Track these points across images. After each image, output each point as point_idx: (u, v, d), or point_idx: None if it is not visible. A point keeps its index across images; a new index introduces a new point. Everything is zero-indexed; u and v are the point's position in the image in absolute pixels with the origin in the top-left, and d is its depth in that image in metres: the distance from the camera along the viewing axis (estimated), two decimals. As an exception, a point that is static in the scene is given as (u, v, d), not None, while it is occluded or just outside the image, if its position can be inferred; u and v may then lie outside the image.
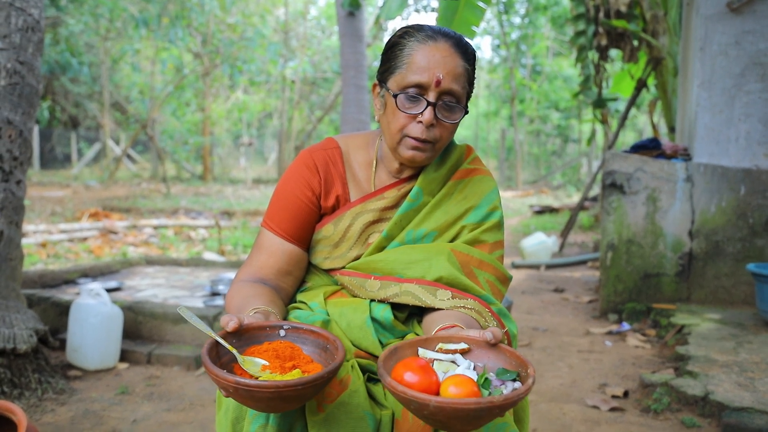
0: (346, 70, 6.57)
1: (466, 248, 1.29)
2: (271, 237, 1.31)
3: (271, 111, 20.11)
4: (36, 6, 2.59)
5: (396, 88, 1.22)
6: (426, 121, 1.19)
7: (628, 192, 3.72)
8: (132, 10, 12.01)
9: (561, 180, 18.63)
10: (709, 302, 3.62)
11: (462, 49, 1.22)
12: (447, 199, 1.33)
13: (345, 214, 1.31)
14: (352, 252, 1.32)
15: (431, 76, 1.18)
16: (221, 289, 3.62)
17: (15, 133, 2.52)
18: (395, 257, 1.28)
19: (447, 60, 1.19)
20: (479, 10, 5.02)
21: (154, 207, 10.41)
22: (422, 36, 1.21)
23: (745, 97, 3.58)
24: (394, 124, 1.23)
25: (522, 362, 0.97)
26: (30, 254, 5.75)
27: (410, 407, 0.88)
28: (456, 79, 1.20)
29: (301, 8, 17.56)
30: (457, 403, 0.83)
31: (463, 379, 0.91)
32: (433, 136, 1.22)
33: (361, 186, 1.34)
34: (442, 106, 1.20)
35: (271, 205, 1.33)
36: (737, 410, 2.20)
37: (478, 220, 1.32)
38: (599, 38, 5.87)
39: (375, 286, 1.27)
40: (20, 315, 2.47)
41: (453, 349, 1.00)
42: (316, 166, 1.32)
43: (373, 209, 1.31)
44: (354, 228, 1.31)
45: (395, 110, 1.22)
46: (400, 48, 1.23)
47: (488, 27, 19.27)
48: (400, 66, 1.21)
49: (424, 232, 1.31)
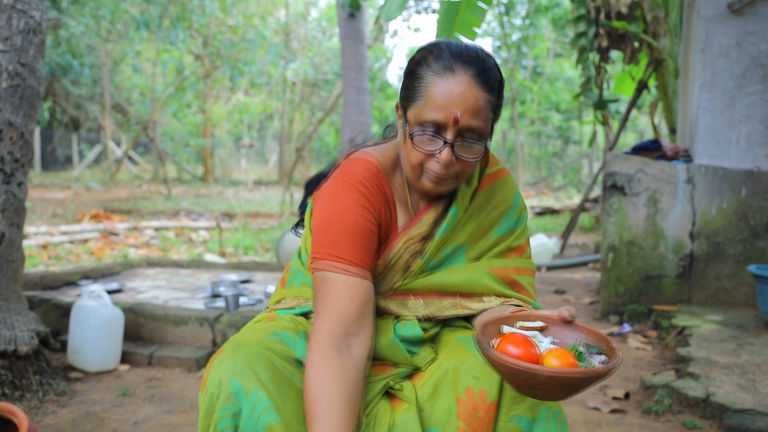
0: (346, 72, 6.57)
1: (502, 262, 1.27)
2: (345, 279, 1.14)
3: (272, 113, 20.11)
4: (37, 8, 2.60)
5: (413, 121, 1.15)
6: (443, 161, 1.13)
7: (629, 193, 3.72)
8: (133, 11, 12.02)
9: (562, 181, 18.62)
10: (710, 304, 3.62)
11: (484, 79, 1.12)
12: (479, 212, 1.28)
13: (395, 248, 1.24)
14: (394, 278, 1.27)
15: (448, 115, 1.10)
16: (222, 291, 3.62)
17: (16, 135, 2.52)
18: (436, 283, 1.25)
19: (466, 95, 1.10)
20: (480, 11, 5.02)
21: (155, 209, 10.41)
22: (440, 67, 1.12)
23: (746, 98, 3.58)
24: (412, 157, 1.17)
25: (601, 338, 1.02)
26: (31, 256, 5.75)
27: (518, 377, 0.91)
28: (476, 114, 1.12)
29: (302, 10, 17.57)
30: (568, 372, 0.89)
31: (562, 352, 0.96)
32: (454, 171, 1.16)
33: (402, 210, 1.27)
34: (460, 145, 1.13)
35: (330, 238, 1.16)
36: (738, 412, 2.19)
37: (510, 228, 1.30)
38: (600, 40, 5.87)
39: (418, 305, 1.26)
40: (21, 317, 2.47)
41: (532, 327, 1.04)
42: (373, 193, 1.20)
43: (416, 236, 1.25)
44: (401, 259, 1.25)
45: (412, 145, 1.15)
46: (418, 78, 1.14)
47: (489, 28, 19.28)
48: (417, 99, 1.14)
49: (458, 245, 1.27)
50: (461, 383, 1.13)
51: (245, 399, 1.06)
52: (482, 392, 1.11)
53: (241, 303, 3.38)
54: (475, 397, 1.11)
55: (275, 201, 12.04)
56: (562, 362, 0.93)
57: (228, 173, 20.45)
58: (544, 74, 19.86)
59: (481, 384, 1.11)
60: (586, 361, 0.97)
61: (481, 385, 1.11)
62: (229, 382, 1.07)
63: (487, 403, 1.10)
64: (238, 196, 13.72)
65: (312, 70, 16.39)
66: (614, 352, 0.97)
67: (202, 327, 3.04)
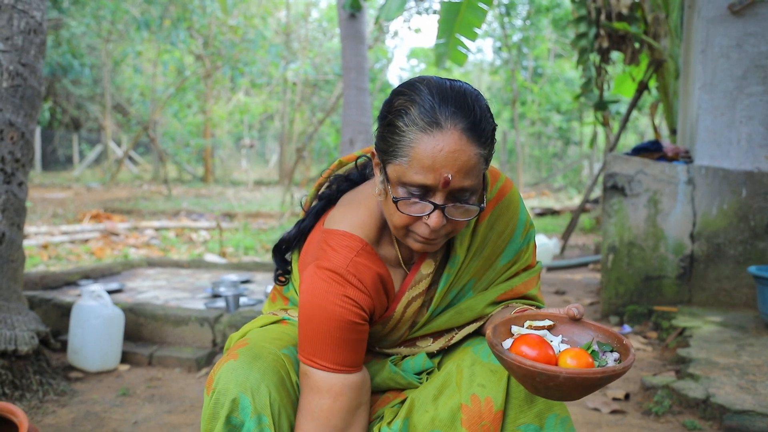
0: (347, 72, 6.57)
1: (509, 284, 1.22)
2: (327, 376, 1.07)
3: (273, 113, 20.13)
4: (38, 8, 2.60)
5: (395, 180, 1.00)
6: (434, 225, 1.00)
7: (629, 194, 3.72)
8: (134, 12, 12.03)
9: (562, 182, 18.62)
10: (710, 305, 3.62)
11: (476, 132, 0.98)
12: (482, 246, 1.19)
13: (396, 311, 1.17)
14: (399, 334, 1.21)
15: (437, 177, 0.97)
16: (222, 291, 3.62)
17: (17, 135, 2.52)
18: (444, 324, 1.21)
19: (457, 155, 0.96)
20: (481, 12, 5.02)
21: (155, 209, 10.41)
22: (424, 121, 0.97)
23: (746, 99, 3.58)
24: (395, 219, 1.04)
25: (611, 334, 1.00)
26: (31, 256, 5.75)
27: (535, 379, 0.90)
28: (468, 173, 0.98)
29: (303, 10, 17.58)
30: (587, 372, 0.88)
31: (578, 352, 0.94)
32: (445, 232, 1.05)
33: (397, 272, 1.17)
34: (452, 207, 1.01)
35: (308, 341, 1.08)
36: (738, 413, 2.19)
37: (516, 251, 1.23)
38: (601, 40, 5.87)
39: (428, 343, 1.23)
40: (22, 316, 2.47)
41: (541, 326, 1.03)
42: (357, 280, 1.08)
43: (417, 294, 1.17)
44: (406, 316, 1.18)
45: (396, 209, 1.02)
46: (399, 133, 0.99)
47: (490, 29, 19.28)
48: (399, 156, 0.99)
49: (463, 285, 1.20)
50: (466, 390, 1.10)
51: (250, 419, 1.05)
52: (488, 400, 1.08)
53: (241, 303, 3.38)
54: (480, 405, 1.08)
55: (276, 201, 12.04)
56: (578, 362, 0.92)
57: (228, 173, 20.46)
58: (544, 75, 19.86)
59: (487, 392, 1.09)
60: (601, 359, 0.96)
61: (488, 392, 1.09)
62: (238, 395, 1.05)
63: (493, 411, 1.08)
64: (238, 196, 13.72)
65: (312, 70, 16.39)
66: (627, 349, 0.96)
67: (203, 327, 3.04)
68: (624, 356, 0.96)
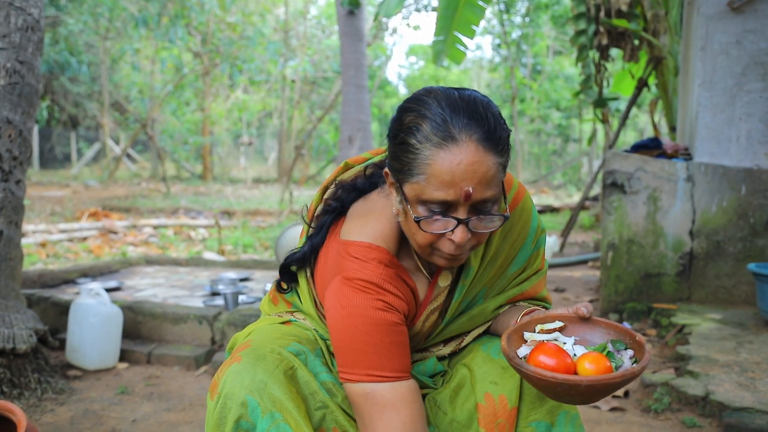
0: (346, 70, 6.57)
1: (519, 289, 1.22)
2: (390, 386, 1.02)
3: (271, 110, 20.10)
4: (36, 5, 2.59)
5: (414, 199, 0.98)
6: (459, 241, 0.98)
7: (628, 191, 3.71)
8: (131, 9, 12.00)
9: (561, 179, 18.62)
10: (709, 302, 3.62)
11: (492, 142, 0.96)
12: (495, 257, 1.18)
13: (418, 323, 1.16)
14: (415, 342, 1.21)
15: (458, 192, 0.94)
16: (221, 289, 3.62)
17: (15, 133, 2.51)
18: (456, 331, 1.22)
19: (476, 167, 0.94)
20: (479, 9, 5.01)
21: (153, 206, 10.40)
22: (438, 137, 0.94)
23: (746, 96, 3.57)
24: (419, 238, 1.01)
25: (622, 331, 1.01)
26: (29, 254, 5.74)
27: (556, 389, 0.90)
28: (489, 184, 0.96)
29: (301, 7, 17.55)
30: (606, 378, 0.89)
31: (595, 356, 0.95)
32: (471, 245, 1.02)
33: (420, 281, 1.16)
34: (475, 220, 0.99)
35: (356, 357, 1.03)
36: (738, 410, 2.19)
37: (525, 258, 1.22)
38: (600, 37, 5.86)
39: (439, 348, 1.23)
40: (20, 315, 2.46)
41: (552, 328, 1.03)
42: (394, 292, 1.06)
43: (436, 307, 1.16)
44: (423, 331, 1.18)
45: (417, 227, 0.99)
46: (413, 151, 0.96)
47: (489, 26, 19.26)
48: (415, 174, 0.96)
49: (475, 293, 1.20)
50: (480, 388, 1.11)
51: (261, 419, 1.03)
52: (502, 398, 1.09)
53: (240, 301, 3.38)
54: (495, 402, 1.09)
55: (274, 199, 12.03)
56: (596, 366, 0.92)
57: (227, 171, 20.44)
58: (543, 72, 19.85)
59: (500, 389, 1.09)
60: (617, 359, 0.97)
61: (501, 390, 1.09)
62: (245, 398, 1.03)
63: (508, 408, 1.08)
64: (237, 194, 13.71)
65: (311, 67, 16.38)
66: (641, 345, 0.96)
67: (201, 325, 3.04)
68: (637, 352, 0.97)
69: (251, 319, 2.97)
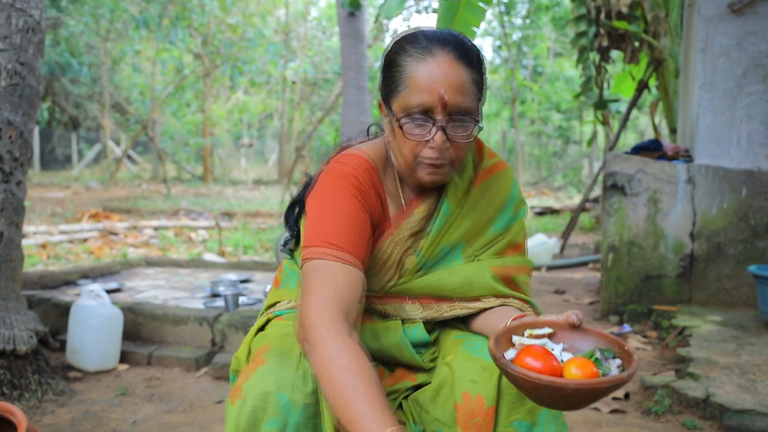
0: (346, 71, 6.57)
1: (502, 261, 1.25)
2: (341, 267, 1.08)
3: (272, 112, 20.11)
4: (37, 7, 2.59)
5: (400, 111, 1.12)
6: (437, 145, 1.11)
7: (629, 193, 3.71)
8: (132, 10, 12.01)
9: (562, 181, 18.62)
10: (710, 304, 3.61)
11: (465, 56, 1.11)
12: (474, 208, 1.25)
13: (386, 243, 1.22)
14: (388, 276, 1.24)
15: (434, 96, 1.08)
16: (221, 290, 3.62)
17: (15, 134, 2.52)
18: (433, 283, 1.23)
19: (449, 74, 1.09)
20: (480, 11, 5.01)
21: (154, 208, 10.41)
22: (418, 51, 1.10)
23: (746, 98, 3.57)
24: (405, 149, 1.14)
25: (611, 340, 1.00)
26: (30, 255, 5.74)
27: (541, 391, 0.89)
28: (463, 92, 1.10)
29: (302, 9, 17.57)
30: (593, 383, 0.87)
31: (582, 362, 0.94)
32: (449, 156, 1.14)
33: (393, 204, 1.25)
34: (452, 126, 1.11)
35: (323, 228, 1.11)
36: (738, 412, 2.19)
37: (506, 224, 1.27)
38: (600, 39, 5.86)
39: (416, 309, 1.24)
40: (20, 316, 2.46)
41: (541, 334, 1.03)
42: (365, 189, 1.17)
43: (408, 233, 1.23)
44: (393, 256, 1.23)
45: (403, 137, 1.13)
46: (397, 68, 1.12)
47: (489, 28, 19.28)
48: (400, 88, 1.12)
49: (453, 243, 1.25)
50: (459, 387, 1.11)
51: (293, 413, 1.03)
52: (479, 397, 1.08)
53: (240, 302, 3.38)
54: (472, 402, 1.09)
55: (275, 200, 12.04)
56: (583, 372, 0.92)
57: (227, 172, 20.44)
58: (544, 74, 19.86)
59: (478, 388, 1.09)
60: (604, 366, 0.96)
61: (479, 389, 1.09)
62: (275, 395, 1.03)
63: (485, 408, 1.08)
64: (237, 195, 13.71)
65: (312, 69, 16.39)
66: (629, 354, 0.95)
67: (202, 326, 3.04)
68: (626, 362, 0.96)
69: (251, 321, 2.97)
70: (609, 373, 0.94)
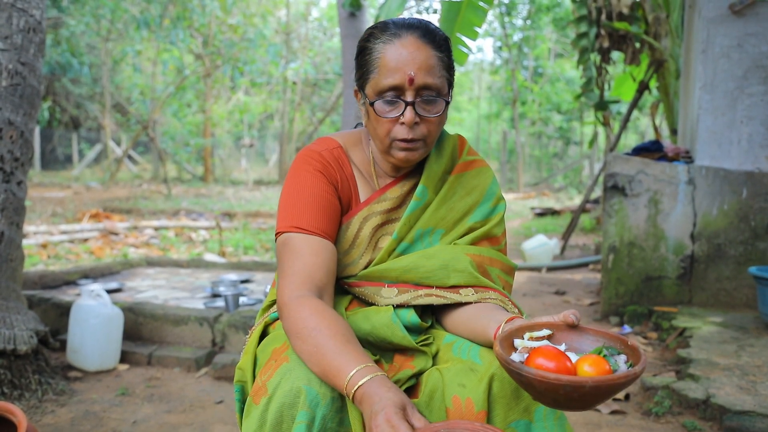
0: (347, 72, 6.57)
1: (478, 249, 1.27)
2: (305, 238, 1.18)
3: (273, 112, 20.12)
4: (38, 7, 2.59)
5: (372, 94, 1.18)
6: (408, 121, 1.16)
7: (629, 194, 3.71)
8: (133, 11, 12.02)
9: (562, 182, 18.62)
10: (710, 305, 3.61)
11: (430, 37, 1.18)
12: (451, 195, 1.30)
13: (354, 219, 1.27)
14: (364, 258, 1.27)
15: (403, 76, 1.15)
16: (222, 291, 3.62)
17: (16, 134, 2.52)
18: (410, 266, 1.24)
19: (416, 54, 1.15)
20: (481, 12, 5.02)
21: (155, 208, 10.41)
22: (387, 35, 1.18)
23: (747, 99, 3.57)
24: (379, 129, 1.20)
25: (612, 337, 0.99)
26: (31, 255, 5.75)
27: (558, 393, 0.87)
28: (430, 71, 1.16)
29: (303, 9, 17.58)
30: (612, 379, 0.86)
31: (594, 359, 0.93)
32: (421, 133, 1.19)
33: (366, 186, 1.30)
34: (421, 103, 1.17)
35: (289, 210, 1.21)
36: (739, 414, 2.19)
37: (485, 216, 1.31)
38: (601, 40, 5.86)
39: (392, 293, 1.24)
40: (21, 316, 2.46)
41: (541, 336, 1.02)
42: (330, 165, 1.26)
43: (379, 211, 1.28)
44: (363, 233, 1.27)
45: (376, 117, 1.19)
46: (369, 52, 1.19)
47: (490, 29, 19.28)
48: (372, 71, 1.18)
49: (432, 230, 1.28)
50: (448, 391, 1.10)
51: (321, 406, 1.02)
52: (469, 401, 1.07)
53: (240, 303, 3.38)
54: (461, 406, 1.07)
55: (275, 201, 12.04)
56: (597, 369, 0.90)
57: (228, 173, 20.45)
58: (545, 75, 19.86)
59: (467, 392, 1.08)
60: (613, 363, 0.95)
61: (468, 393, 1.08)
62: (304, 389, 1.03)
63: (474, 412, 1.06)
64: (238, 195, 13.72)
65: (312, 69, 16.40)
66: (635, 349, 0.95)
67: (202, 327, 3.04)
68: (631, 357, 0.95)
69: (252, 321, 2.97)
70: (618, 369, 0.93)
